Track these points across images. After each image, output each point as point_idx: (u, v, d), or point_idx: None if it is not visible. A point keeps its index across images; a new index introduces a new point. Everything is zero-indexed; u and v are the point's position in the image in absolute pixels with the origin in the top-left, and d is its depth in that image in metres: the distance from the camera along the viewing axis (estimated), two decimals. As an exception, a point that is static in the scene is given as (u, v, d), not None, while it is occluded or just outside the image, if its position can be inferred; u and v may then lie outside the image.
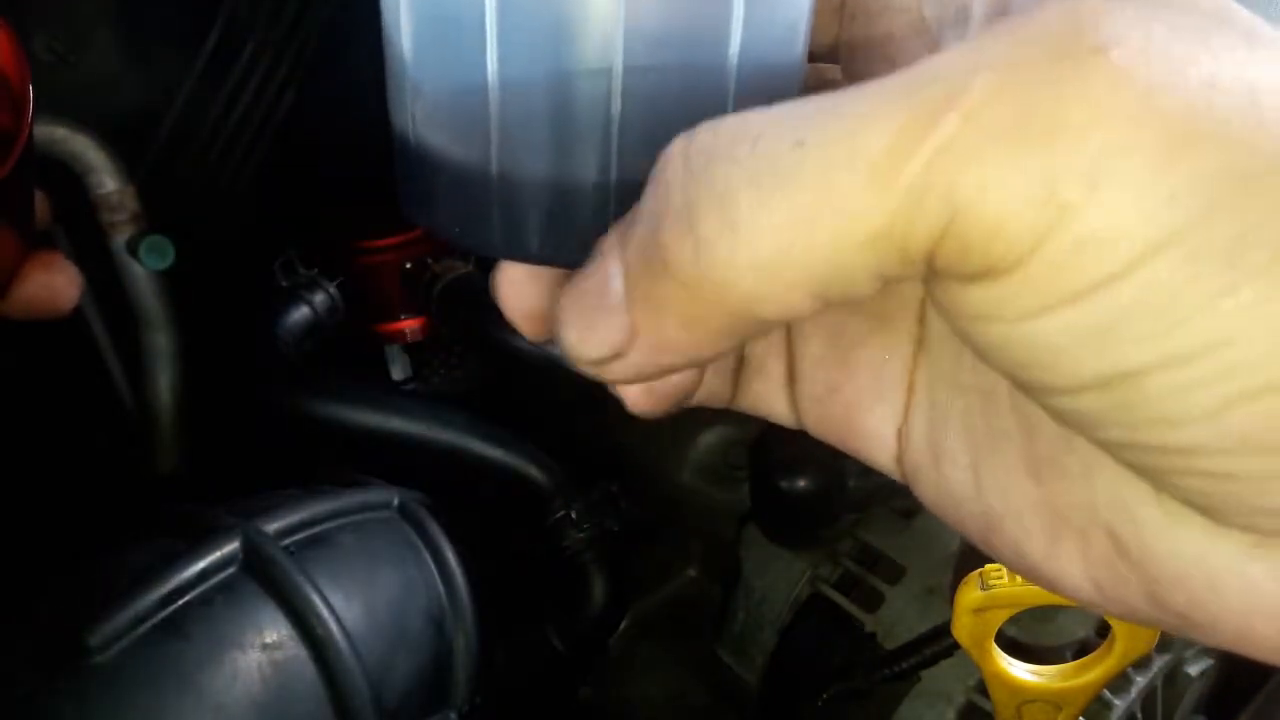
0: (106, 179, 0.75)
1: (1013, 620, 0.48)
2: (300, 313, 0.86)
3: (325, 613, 0.54)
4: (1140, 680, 0.69)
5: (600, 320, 0.18)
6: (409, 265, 0.93)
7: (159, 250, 0.76)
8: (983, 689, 0.62)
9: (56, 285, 0.38)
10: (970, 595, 0.47)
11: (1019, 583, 0.46)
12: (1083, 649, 0.67)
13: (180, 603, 0.52)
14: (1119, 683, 0.68)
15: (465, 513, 0.68)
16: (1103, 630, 0.56)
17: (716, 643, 0.86)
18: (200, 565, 0.53)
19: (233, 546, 0.55)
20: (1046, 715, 0.51)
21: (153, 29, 0.79)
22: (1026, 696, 0.50)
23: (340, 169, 0.97)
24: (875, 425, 0.24)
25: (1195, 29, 0.15)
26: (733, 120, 0.17)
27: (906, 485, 0.24)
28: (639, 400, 0.25)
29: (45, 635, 0.51)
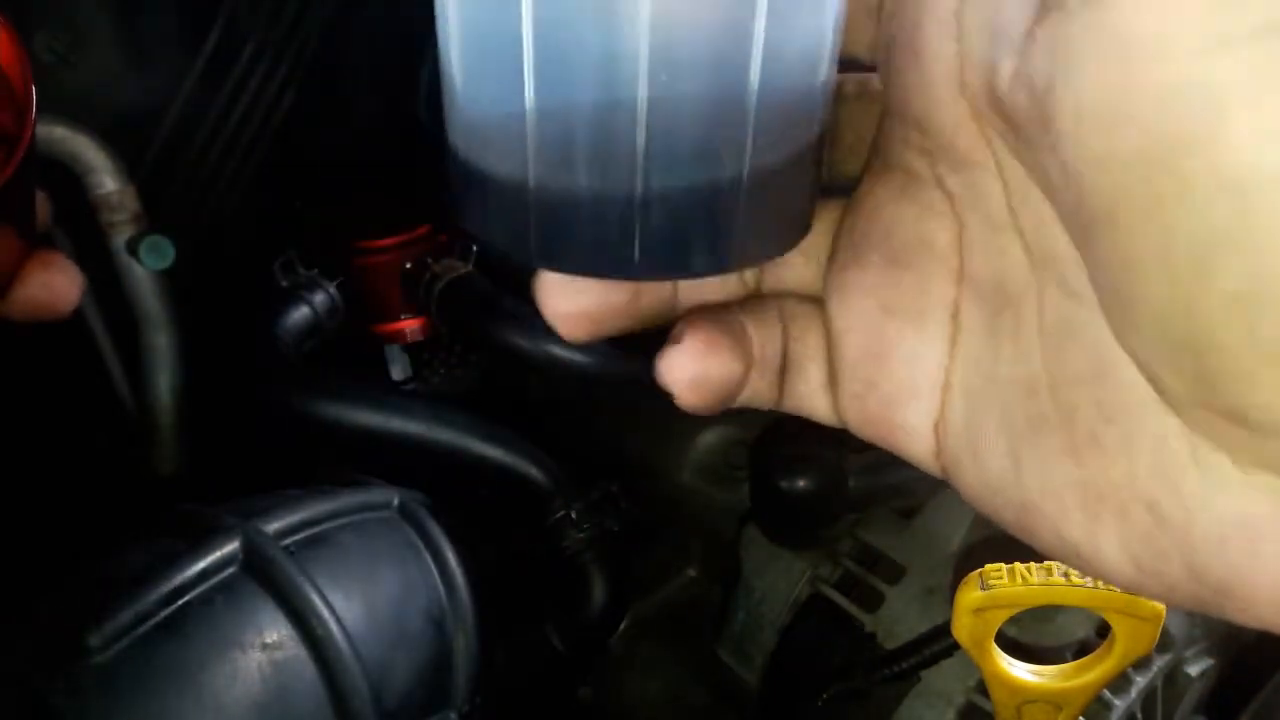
0: (106, 179, 0.75)
1: (1013, 620, 0.48)
2: (300, 313, 0.86)
3: (325, 613, 0.54)
4: (1140, 680, 0.69)
5: None
6: (409, 265, 0.93)
7: (159, 250, 0.76)
8: (983, 689, 0.62)
9: (57, 285, 0.38)
10: (970, 595, 0.47)
11: (1019, 583, 0.46)
12: (1083, 649, 0.67)
13: (180, 603, 0.52)
14: (1119, 683, 0.68)
15: (465, 513, 0.68)
16: (1103, 630, 0.56)
17: (716, 643, 0.86)
18: (200, 565, 0.53)
19: (233, 546, 0.55)
20: (1046, 715, 0.51)
21: (153, 29, 0.79)
22: (1026, 696, 0.50)
23: (340, 169, 0.98)
24: (913, 421, 0.25)
25: None
26: None
27: (946, 478, 0.25)
28: (687, 395, 0.26)
29: (45, 635, 0.51)
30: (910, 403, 0.25)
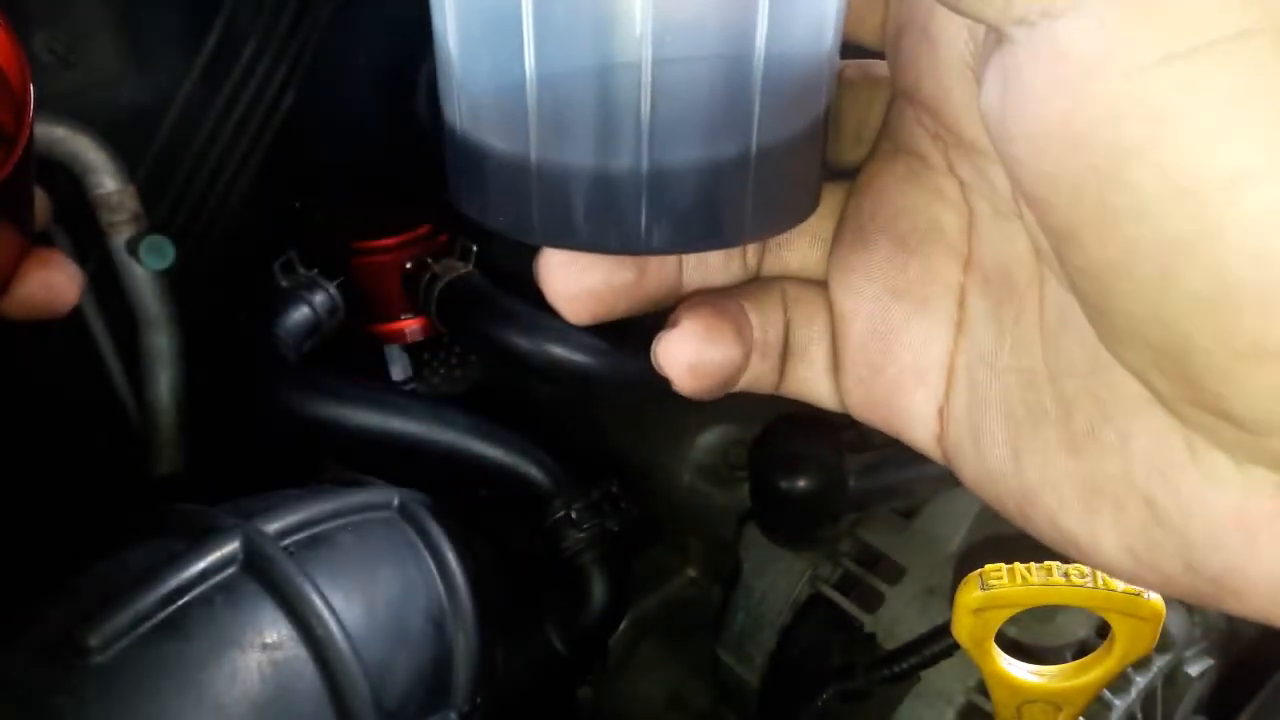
0: (106, 179, 0.75)
1: (1013, 620, 0.48)
2: (300, 313, 0.86)
3: (325, 613, 0.54)
4: (1140, 680, 0.69)
5: None
6: (409, 265, 0.93)
7: (159, 250, 0.76)
8: (983, 689, 0.62)
9: (57, 283, 0.38)
10: (970, 595, 0.47)
11: (1019, 583, 0.46)
12: (1083, 649, 0.67)
13: (180, 603, 0.52)
14: (1119, 683, 0.68)
15: (465, 513, 0.68)
16: (1103, 630, 0.56)
17: (716, 643, 0.86)
18: (200, 565, 0.53)
19: (233, 546, 0.55)
20: (1046, 715, 0.50)
21: (153, 29, 0.79)
22: (1026, 696, 0.50)
23: (340, 169, 0.98)
24: (917, 406, 0.25)
25: None
26: None
27: (947, 464, 0.25)
28: (685, 380, 0.25)
29: (45, 635, 0.51)
30: (915, 388, 0.25)
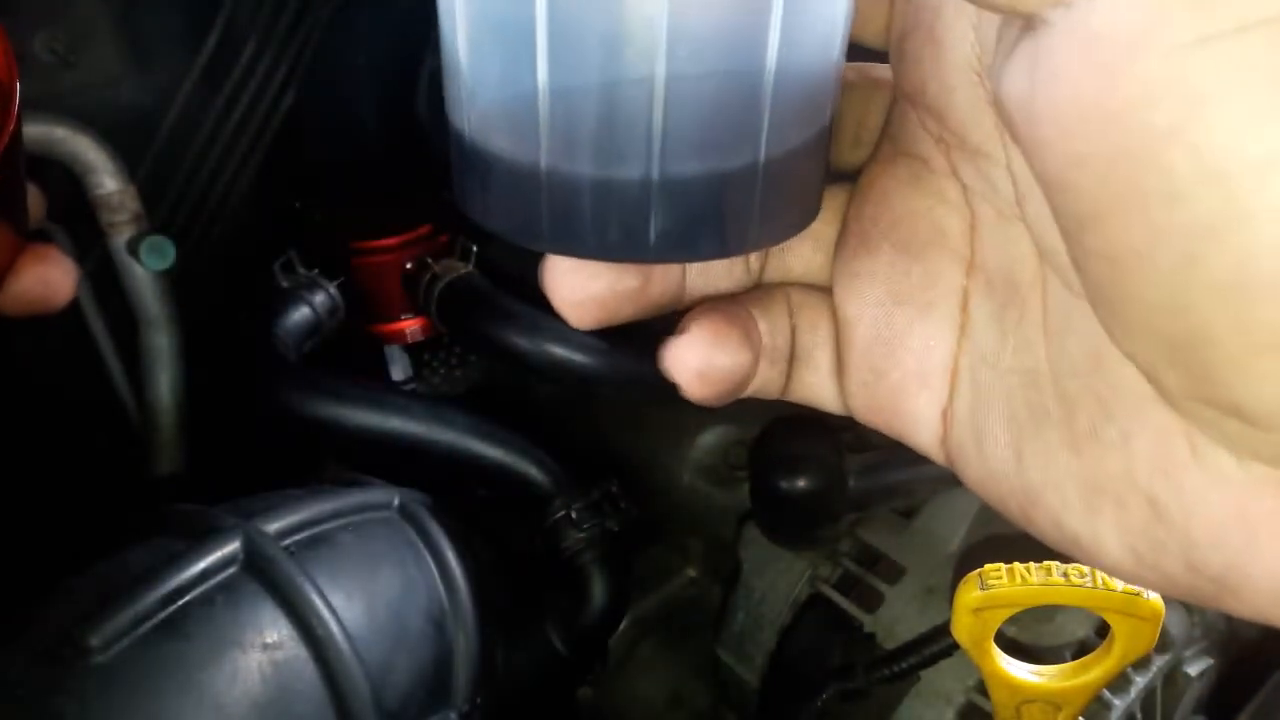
0: (106, 179, 0.75)
1: (1012, 620, 0.48)
2: (300, 313, 0.86)
3: (325, 613, 0.54)
4: (1140, 680, 0.69)
5: None
6: (409, 265, 0.93)
7: (159, 250, 0.76)
8: (982, 689, 0.62)
9: (52, 279, 0.37)
10: (970, 595, 0.47)
11: (1018, 583, 0.46)
12: (1082, 649, 0.67)
13: (180, 603, 0.52)
14: (1119, 683, 0.68)
15: (465, 513, 0.68)
16: (1102, 630, 0.56)
17: (716, 643, 0.86)
18: (200, 565, 0.53)
19: (233, 546, 0.55)
20: (1046, 715, 0.50)
21: (153, 29, 0.79)
22: (1026, 696, 0.50)
23: (340, 169, 0.98)
24: (920, 409, 0.25)
25: None
26: None
27: (950, 466, 0.25)
28: (694, 386, 0.25)
29: (45, 635, 0.51)
30: (918, 391, 0.25)
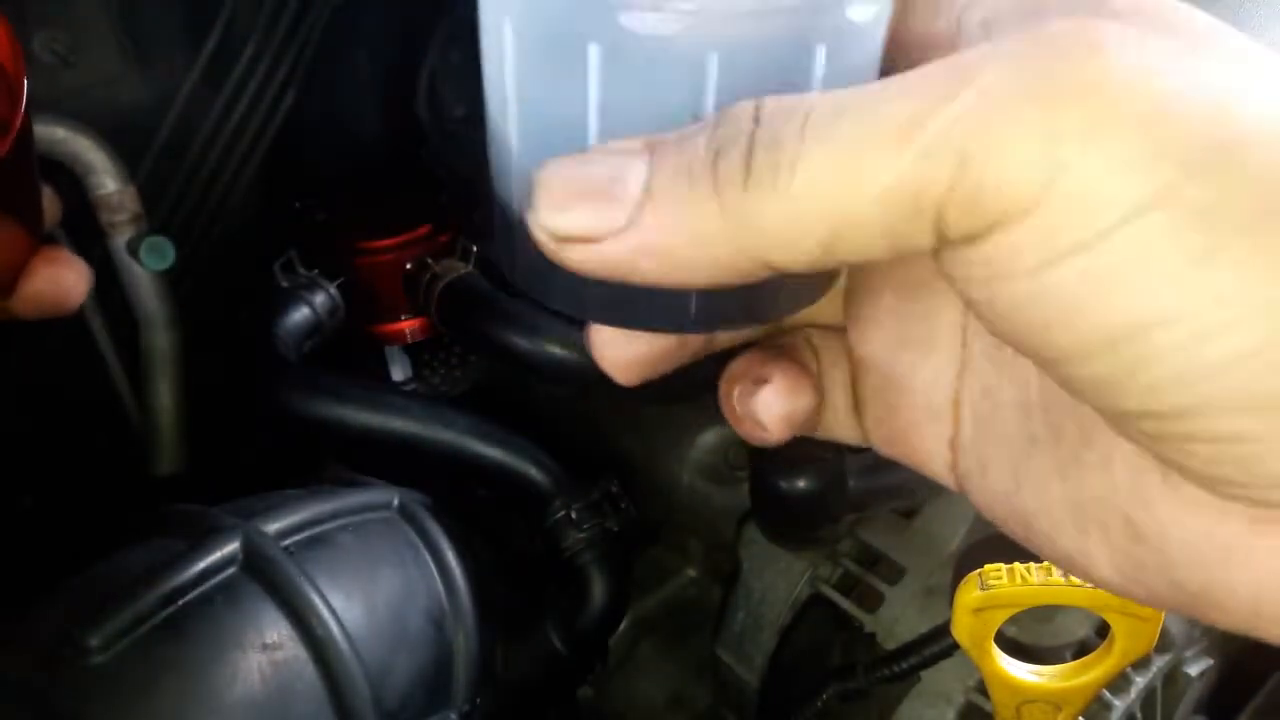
0: (107, 179, 0.75)
1: (1013, 620, 0.48)
2: (300, 313, 0.86)
3: (325, 613, 0.54)
4: (1140, 680, 0.69)
5: (598, 204, 0.20)
6: (409, 266, 0.93)
7: (159, 250, 0.76)
8: (983, 689, 0.62)
9: (64, 280, 0.38)
10: (970, 595, 0.47)
11: (1018, 583, 0.46)
12: (1082, 649, 0.67)
13: (180, 603, 0.52)
14: (1119, 683, 0.68)
15: (465, 513, 0.68)
16: (1102, 630, 0.56)
17: (716, 643, 0.86)
18: (200, 565, 0.53)
19: (233, 547, 0.55)
20: (1046, 715, 0.51)
21: (153, 29, 0.79)
22: (1026, 696, 0.50)
23: (340, 169, 0.98)
24: (930, 441, 0.27)
25: (1186, 43, 0.18)
26: (793, 96, 0.19)
27: (961, 492, 0.27)
28: (780, 430, 0.27)
29: (45, 635, 0.51)
30: (928, 425, 0.27)
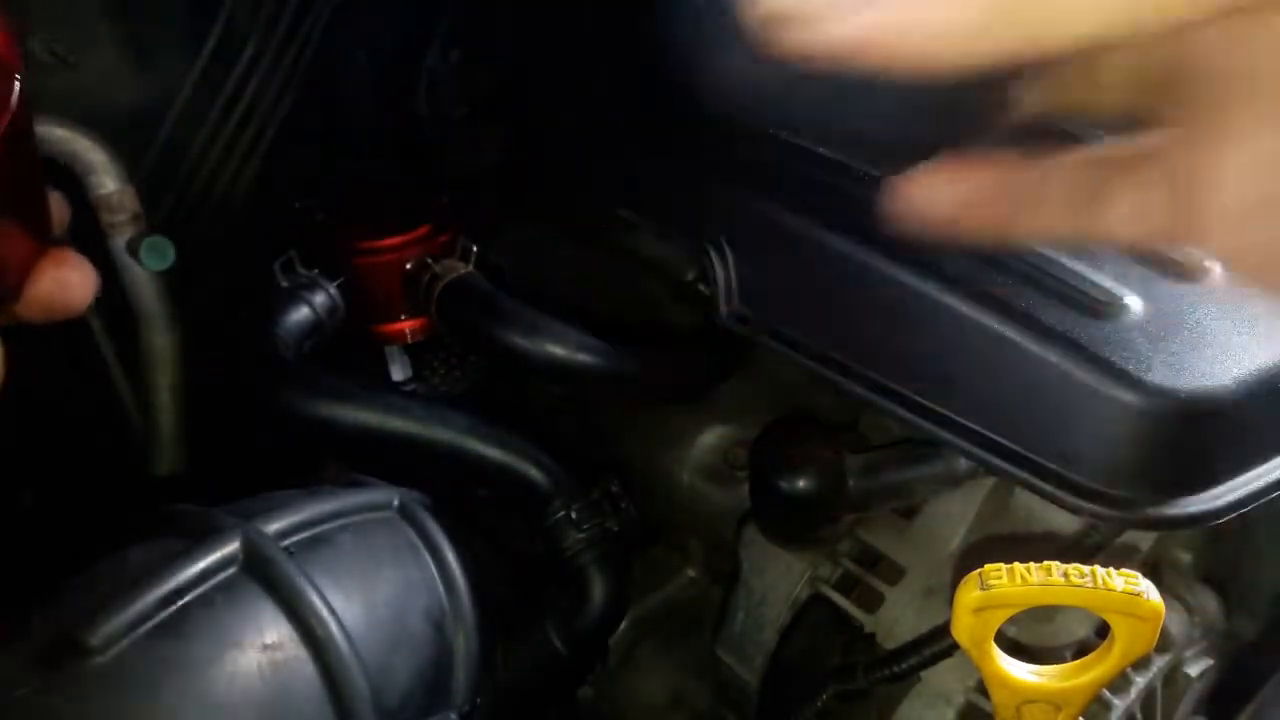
0: (107, 180, 0.75)
1: (1013, 620, 0.48)
2: (300, 313, 0.86)
3: (325, 613, 0.54)
4: (1140, 680, 0.69)
5: None
6: (409, 265, 0.93)
7: (159, 250, 0.76)
8: (983, 689, 0.62)
9: (71, 282, 0.37)
10: (970, 595, 0.47)
11: (1018, 583, 0.46)
12: (1082, 649, 0.67)
13: (180, 603, 0.52)
14: (1119, 683, 0.68)
15: (465, 513, 0.68)
16: (1102, 630, 0.56)
17: (716, 643, 0.86)
18: (200, 565, 0.53)
19: (233, 546, 0.55)
20: (1046, 715, 0.51)
21: (153, 29, 0.79)
22: (1026, 696, 0.50)
23: (340, 169, 0.97)
24: None
25: None
26: None
27: None
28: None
29: (45, 635, 0.51)
30: None
